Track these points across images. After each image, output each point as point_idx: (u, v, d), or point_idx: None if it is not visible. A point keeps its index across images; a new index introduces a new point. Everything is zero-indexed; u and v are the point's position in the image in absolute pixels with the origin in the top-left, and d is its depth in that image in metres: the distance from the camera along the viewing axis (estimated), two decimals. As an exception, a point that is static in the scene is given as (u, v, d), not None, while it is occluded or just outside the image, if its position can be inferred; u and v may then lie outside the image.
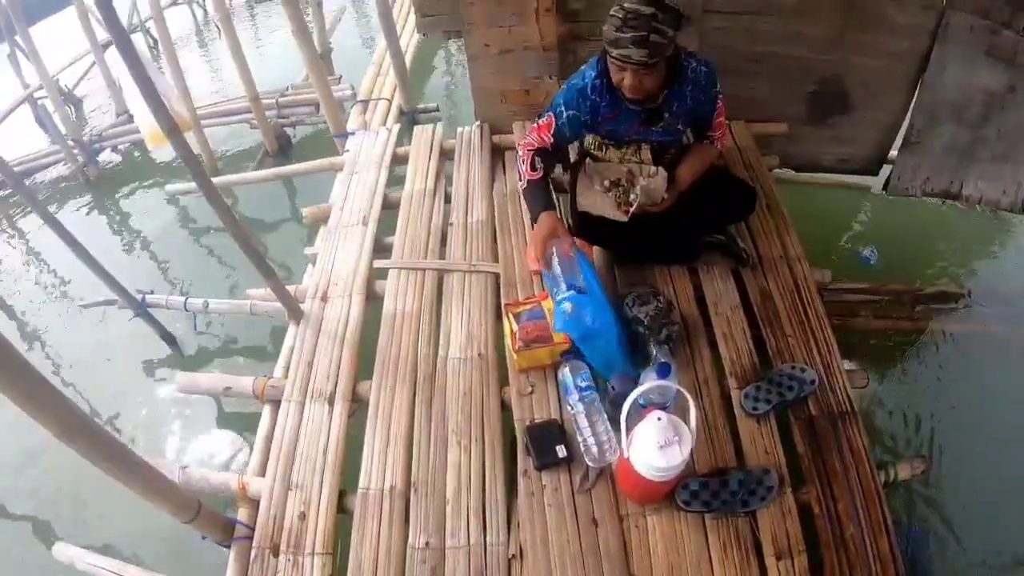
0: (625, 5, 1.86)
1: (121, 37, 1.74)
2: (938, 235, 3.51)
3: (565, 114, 2.18)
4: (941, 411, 2.75)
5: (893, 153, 3.31)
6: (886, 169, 3.36)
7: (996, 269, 3.46)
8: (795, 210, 2.77)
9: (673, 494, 1.87)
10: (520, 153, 2.30)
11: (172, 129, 1.84)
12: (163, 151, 4.55)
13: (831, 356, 2.24)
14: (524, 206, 2.62)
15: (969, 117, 3.07)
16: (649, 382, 1.75)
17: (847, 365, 2.32)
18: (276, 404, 2.28)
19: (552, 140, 2.24)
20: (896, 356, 2.94)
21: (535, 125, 2.28)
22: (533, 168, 2.25)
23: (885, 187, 3.33)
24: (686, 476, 1.88)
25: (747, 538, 1.83)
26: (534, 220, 2.24)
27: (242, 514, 2.07)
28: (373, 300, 2.55)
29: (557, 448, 1.95)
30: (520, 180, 2.31)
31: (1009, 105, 2.98)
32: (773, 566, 1.79)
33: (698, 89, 2.12)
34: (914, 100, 3.08)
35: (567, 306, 2.03)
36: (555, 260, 2.17)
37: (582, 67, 2.19)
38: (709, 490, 1.87)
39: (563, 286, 2.11)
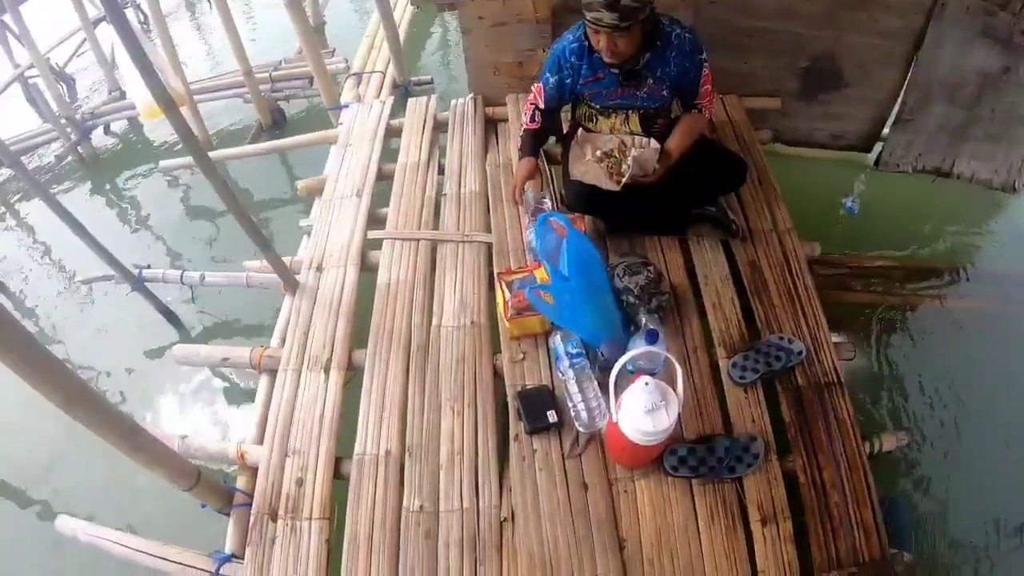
0: None
1: (115, 11, 1.74)
2: (929, 212, 3.52)
3: (550, 80, 2.29)
4: (928, 385, 2.78)
5: (886, 131, 3.33)
6: (879, 146, 3.38)
7: (987, 246, 3.47)
8: (787, 184, 2.78)
9: (661, 459, 1.91)
10: (523, 108, 2.53)
11: (169, 104, 1.84)
12: (157, 128, 4.52)
13: (819, 328, 2.27)
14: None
15: (963, 96, 3.09)
16: (637, 348, 1.78)
17: (835, 337, 2.34)
18: (273, 374, 2.31)
19: (545, 105, 2.37)
20: (884, 330, 2.96)
21: (535, 87, 2.41)
22: (532, 120, 2.47)
23: (876, 163, 3.35)
24: (674, 442, 1.91)
25: (733, 503, 1.87)
26: (520, 158, 2.47)
27: (241, 482, 2.10)
28: (367, 270, 2.57)
29: (548, 414, 1.98)
30: (520, 129, 2.53)
31: (1003, 86, 3.00)
32: (758, 531, 1.83)
33: (682, 55, 2.16)
34: (908, 78, 3.10)
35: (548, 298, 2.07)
36: (529, 197, 2.47)
37: (566, 32, 2.25)
38: (696, 456, 1.91)
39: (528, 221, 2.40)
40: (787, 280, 2.39)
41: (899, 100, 3.19)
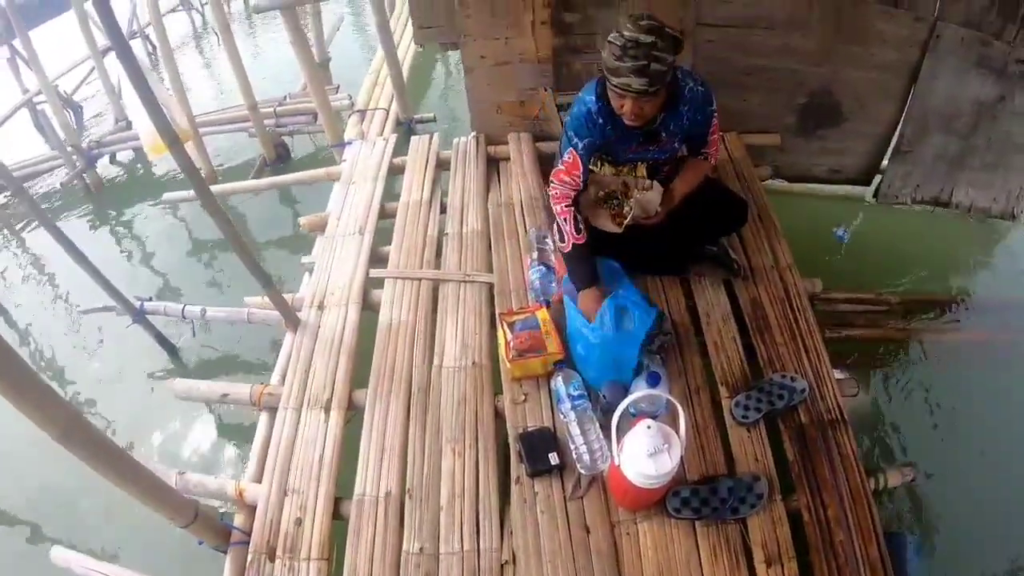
0: (624, 33, 1.85)
1: (121, 45, 1.75)
2: (929, 244, 3.54)
3: (581, 144, 2.14)
4: (932, 419, 2.78)
5: (884, 163, 3.35)
6: (878, 179, 3.39)
7: (987, 277, 3.49)
8: (787, 220, 2.80)
9: (664, 501, 1.89)
10: (558, 210, 2.22)
11: (173, 140, 1.86)
12: (163, 161, 4.57)
13: (821, 365, 2.26)
14: (519, 221, 2.70)
15: (959, 126, 3.11)
16: (639, 391, 1.78)
17: (838, 374, 2.33)
18: (273, 411, 2.31)
19: (581, 177, 2.20)
20: (887, 365, 2.97)
21: (558, 168, 2.21)
22: (578, 231, 2.21)
23: (875, 195, 3.37)
24: (677, 483, 1.90)
25: (737, 544, 1.85)
26: (579, 289, 2.23)
27: (238, 520, 2.09)
28: (369, 309, 2.58)
29: (550, 456, 1.98)
30: (563, 242, 2.24)
31: (999, 115, 3.02)
32: (763, 572, 1.81)
33: (694, 108, 2.13)
34: (905, 110, 3.12)
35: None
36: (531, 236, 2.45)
37: (579, 95, 2.16)
38: (699, 497, 1.89)
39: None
40: (789, 317, 2.39)
41: (897, 132, 3.21)
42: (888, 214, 3.46)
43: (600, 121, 2.10)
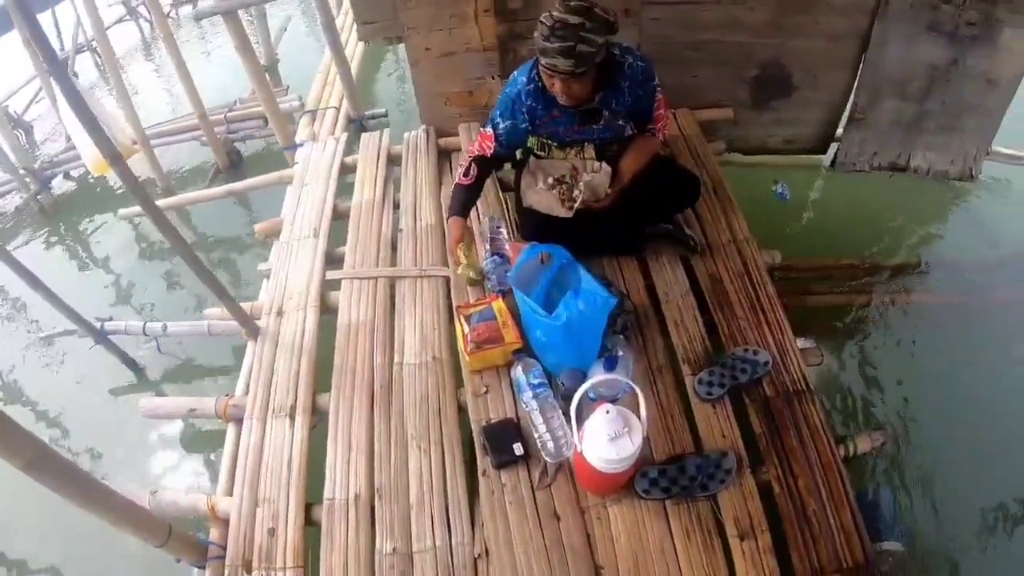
0: (554, 13, 1.85)
1: (56, 68, 1.72)
2: (889, 209, 3.56)
3: (502, 125, 2.21)
4: (898, 381, 2.80)
5: (839, 131, 3.36)
6: (834, 147, 3.41)
7: (947, 238, 3.52)
8: (744, 194, 2.79)
9: (632, 483, 1.88)
10: (462, 159, 2.36)
11: (115, 158, 1.82)
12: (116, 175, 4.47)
13: (784, 336, 2.26)
14: (473, 210, 2.62)
15: (913, 91, 3.13)
16: (596, 376, 1.76)
17: (802, 343, 2.34)
18: (239, 422, 2.27)
19: (493, 151, 2.29)
20: (852, 331, 2.98)
21: (480, 132, 2.33)
22: (466, 174, 2.33)
23: (832, 164, 3.38)
24: (644, 465, 1.89)
25: (709, 521, 1.85)
26: (447, 217, 2.37)
27: (214, 534, 2.06)
28: (328, 312, 2.54)
29: (514, 446, 1.96)
30: (455, 180, 2.36)
31: (953, 78, 3.05)
32: (737, 546, 1.81)
33: (636, 84, 2.13)
34: (857, 78, 3.14)
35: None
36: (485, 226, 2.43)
37: (514, 72, 2.19)
38: (667, 477, 1.88)
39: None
40: (749, 290, 2.39)
41: (850, 100, 3.23)
42: (846, 181, 3.48)
43: (529, 102, 2.12)
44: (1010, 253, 3.35)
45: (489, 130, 2.28)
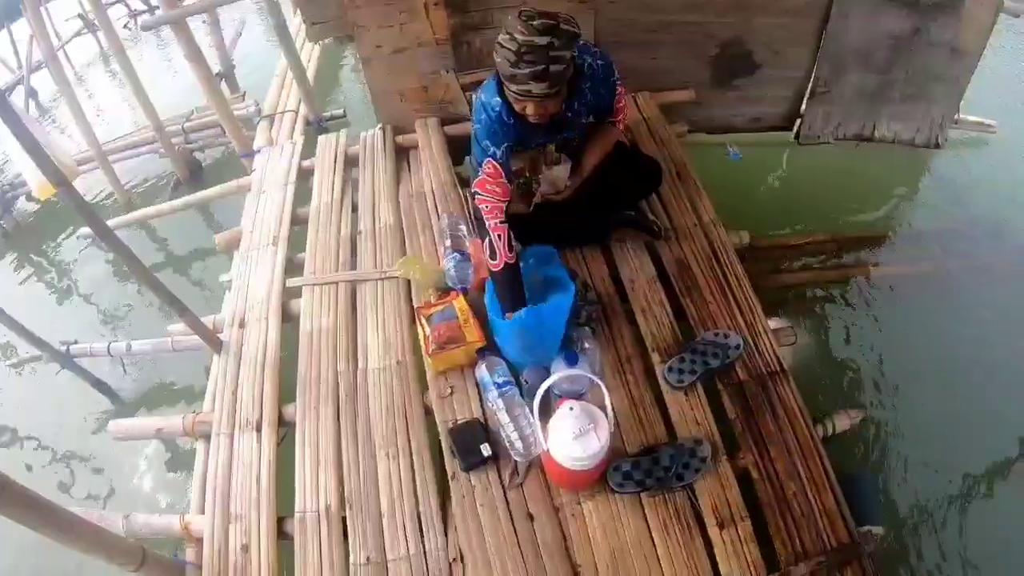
0: (517, 37, 1.72)
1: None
2: (856, 181, 3.55)
3: (499, 151, 2.00)
4: (873, 355, 2.78)
5: (803, 106, 3.34)
6: (799, 122, 3.38)
7: (916, 207, 3.51)
8: (710, 175, 2.75)
9: (605, 477, 1.84)
10: (491, 225, 2.01)
11: (60, 181, 1.78)
12: (80, 186, 4.35)
13: (755, 317, 2.24)
14: (432, 210, 2.61)
15: (876, 62, 3.13)
16: (557, 373, 1.72)
17: (774, 323, 2.32)
18: (208, 438, 2.22)
19: (506, 184, 2.05)
20: (825, 307, 2.96)
21: (480, 179, 2.03)
22: (510, 248, 2.01)
23: (797, 137, 3.35)
24: (616, 458, 1.85)
25: (687, 512, 1.82)
26: (503, 314, 2.04)
27: (190, 554, 2.04)
28: (290, 320, 2.49)
29: (482, 447, 1.91)
30: (495, 260, 2.01)
31: (915, 47, 3.05)
32: (717, 536, 1.78)
33: (597, 83, 2.05)
34: (819, 52, 3.11)
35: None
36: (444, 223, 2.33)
37: (479, 99, 2.02)
38: (641, 469, 1.85)
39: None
40: (717, 273, 2.35)
41: (813, 74, 3.20)
42: (813, 156, 3.46)
43: (510, 122, 1.98)
44: (977, 219, 3.35)
45: (490, 166, 2.00)
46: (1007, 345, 2.80)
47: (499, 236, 2.00)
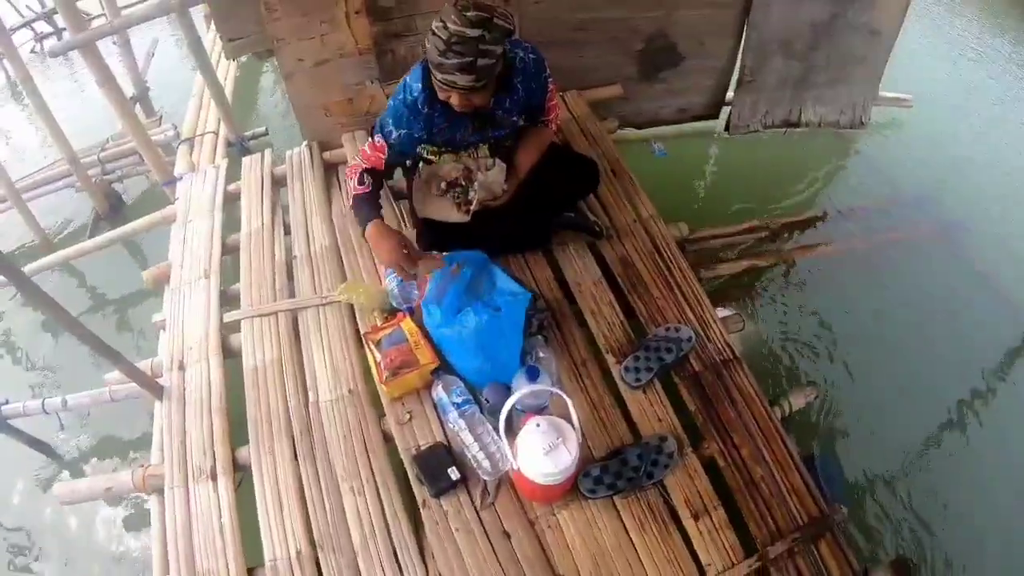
0: (449, 26, 1.70)
1: None
2: (788, 166, 3.64)
3: (395, 134, 2.03)
4: (819, 334, 2.87)
5: (731, 95, 3.39)
6: (726, 111, 3.44)
7: (847, 186, 3.63)
8: (644, 170, 2.77)
9: (577, 485, 1.83)
10: (347, 173, 2.14)
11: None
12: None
13: (703, 308, 2.26)
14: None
15: (799, 48, 3.21)
16: (520, 390, 1.69)
17: (722, 312, 2.35)
18: (161, 492, 2.08)
19: (385, 162, 2.10)
20: (768, 291, 3.03)
21: (364, 147, 2.12)
22: (361, 182, 2.08)
23: (727, 128, 3.41)
24: (585, 464, 1.85)
25: (660, 508, 1.84)
26: (363, 234, 2.07)
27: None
28: (232, 357, 2.36)
29: (449, 471, 1.87)
30: (347, 199, 2.15)
31: (836, 31, 3.14)
32: (693, 528, 1.81)
33: (528, 78, 2.03)
34: (743, 42, 3.17)
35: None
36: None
37: (404, 78, 2.02)
38: (611, 472, 1.85)
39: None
40: (661, 267, 2.37)
41: (738, 64, 3.27)
42: (743, 144, 3.52)
43: (426, 111, 1.97)
44: (905, 192, 3.48)
45: (379, 140, 2.07)
46: (932, 309, 2.95)
47: (350, 178, 2.12)
